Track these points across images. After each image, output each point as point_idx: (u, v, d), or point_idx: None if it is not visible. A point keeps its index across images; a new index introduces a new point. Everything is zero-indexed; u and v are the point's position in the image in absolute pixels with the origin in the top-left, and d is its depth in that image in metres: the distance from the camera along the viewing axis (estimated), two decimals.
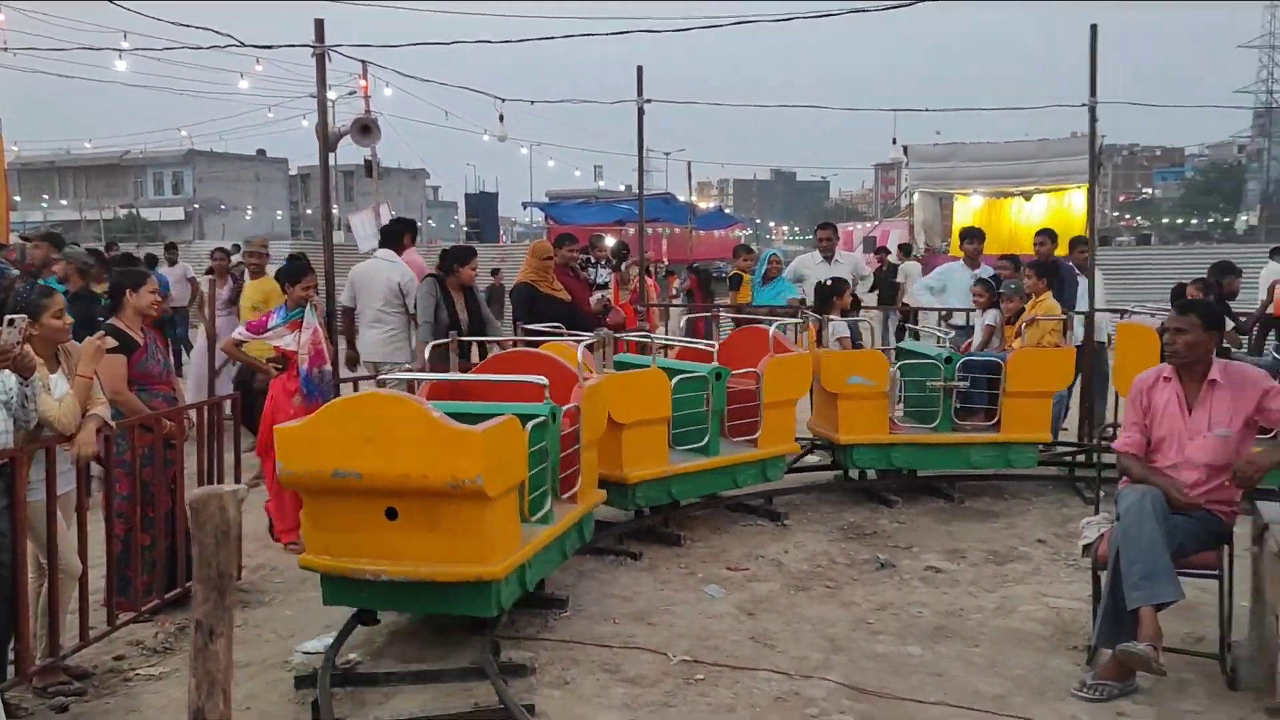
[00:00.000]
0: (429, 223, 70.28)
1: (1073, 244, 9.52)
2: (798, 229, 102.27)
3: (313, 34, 6.50)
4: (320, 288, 6.92)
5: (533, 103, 10.91)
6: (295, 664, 4.60)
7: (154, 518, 5.09)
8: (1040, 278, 8.10)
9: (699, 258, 32.59)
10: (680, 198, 34.68)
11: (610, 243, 14.21)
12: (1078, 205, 23.68)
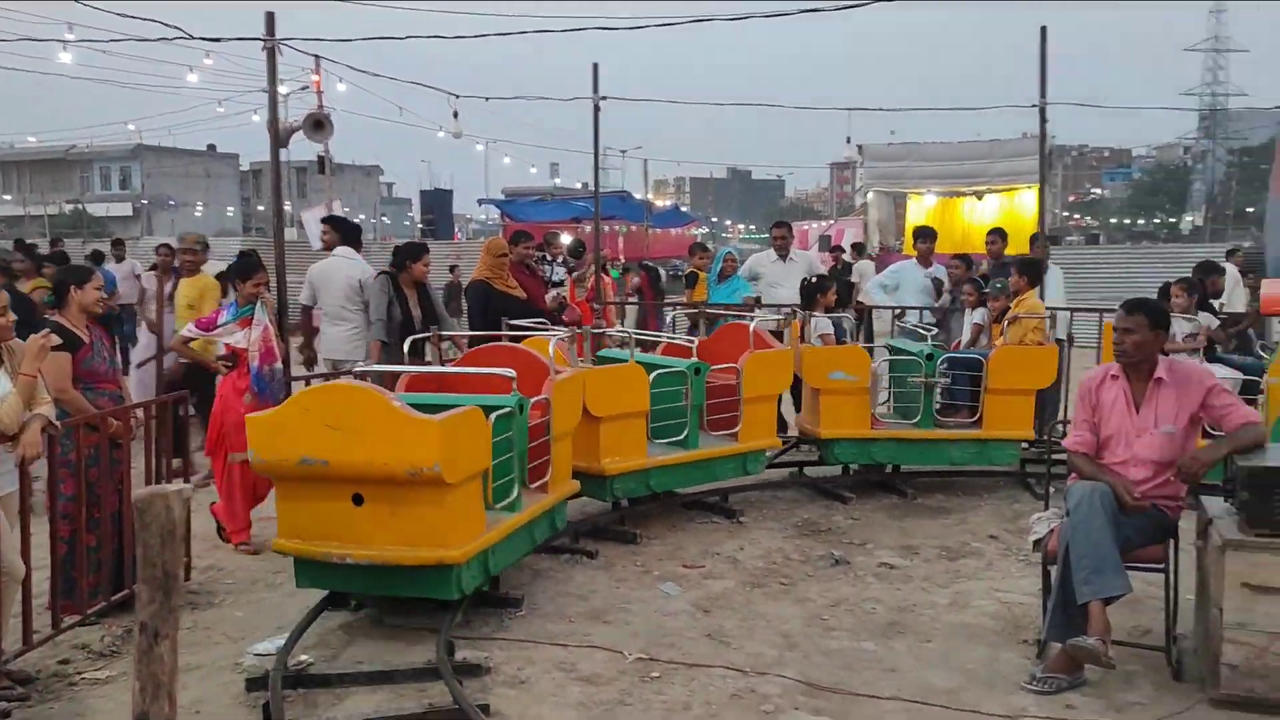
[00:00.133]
0: (383, 219, 69.71)
1: (1033, 240, 9.65)
2: (753, 227, 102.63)
3: (264, 28, 6.41)
4: (272, 284, 6.83)
5: (487, 99, 10.86)
6: (246, 666, 4.53)
7: (100, 519, 5.00)
8: (1023, 276, 8.22)
9: (655, 255, 32.63)
10: (636, 195, 34.70)
11: (566, 240, 14.18)
12: (1028, 205, 24.01)
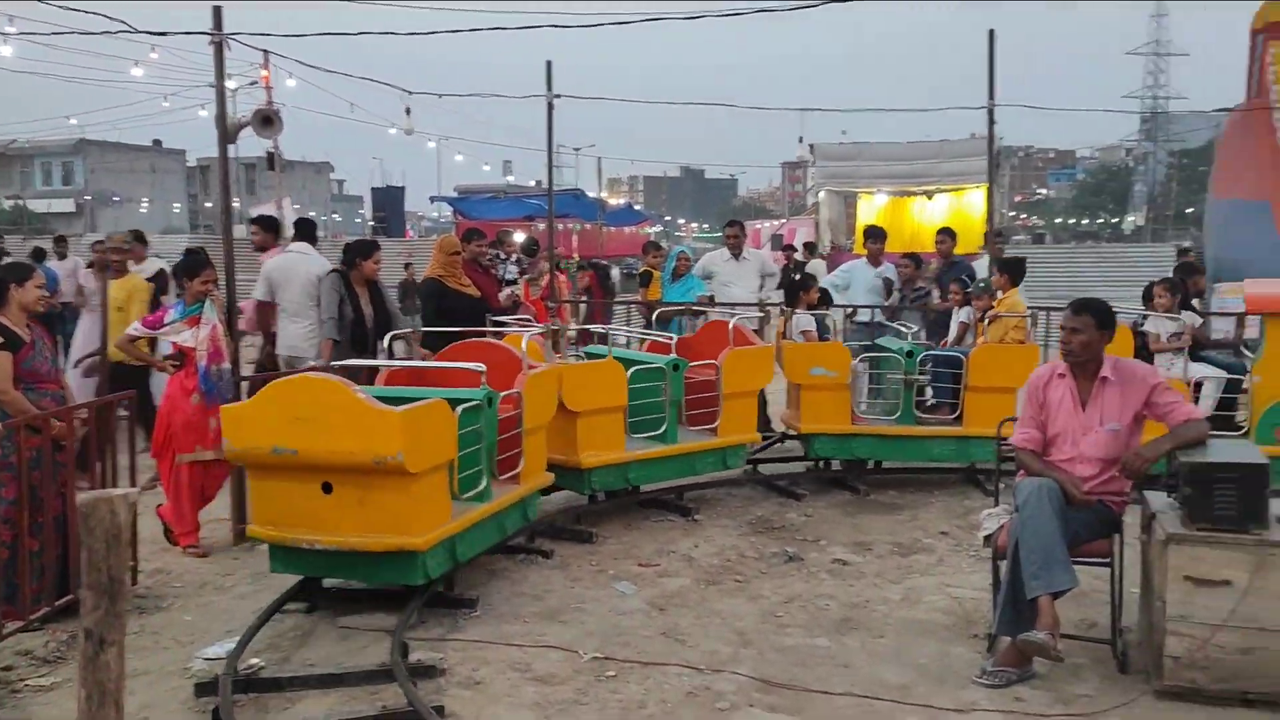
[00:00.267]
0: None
1: (987, 238, 9.79)
2: (707, 226, 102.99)
3: (211, 21, 6.30)
4: (221, 282, 6.72)
5: (440, 96, 10.76)
6: (195, 671, 4.47)
7: (43, 523, 4.89)
8: (1004, 274, 8.33)
9: (609, 254, 32.59)
10: (590, 194, 34.65)
11: (520, 238, 14.12)
12: (977, 204, 24.36)
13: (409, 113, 12.22)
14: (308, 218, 9.13)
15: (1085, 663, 4.52)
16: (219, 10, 6.31)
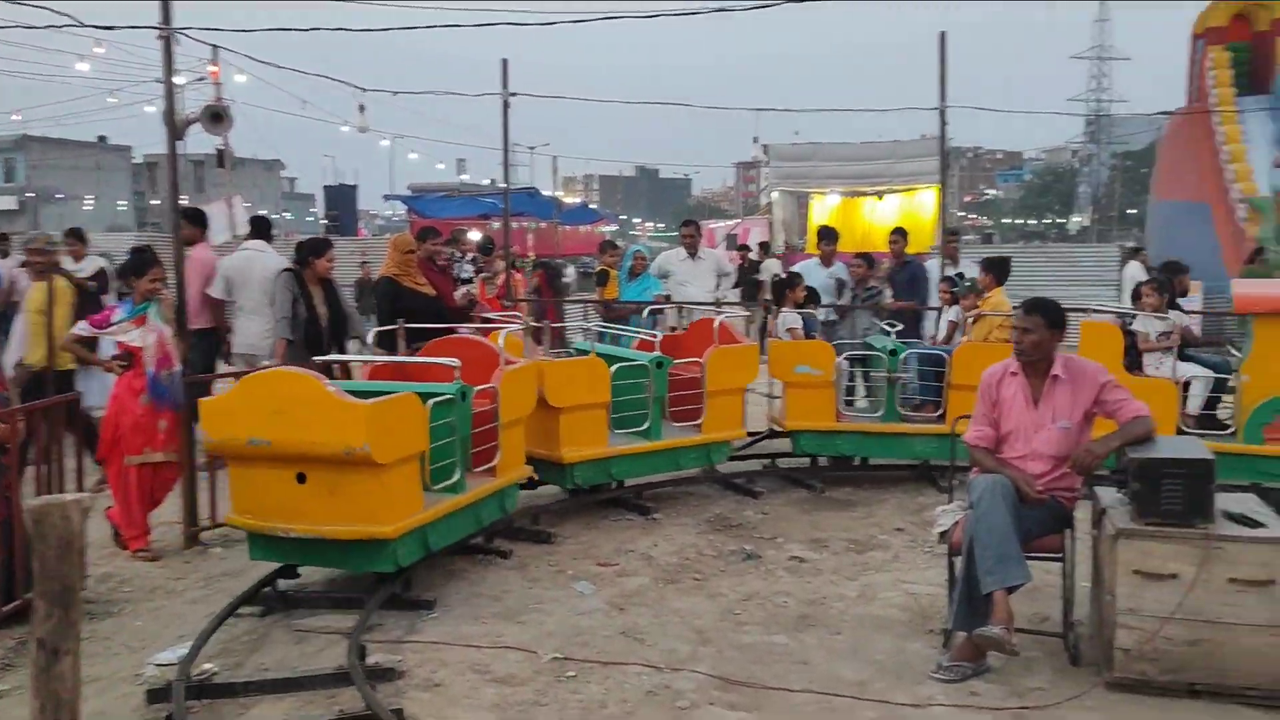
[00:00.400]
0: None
1: (942, 237, 9.90)
2: (662, 225, 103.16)
3: (159, 15, 6.19)
4: (170, 281, 6.61)
5: (395, 93, 10.65)
6: (147, 677, 4.39)
7: None
8: (988, 273, 8.42)
9: (565, 253, 32.47)
10: (545, 192, 34.54)
11: (475, 237, 14.03)
12: (927, 205, 24.64)
13: (363, 110, 12.10)
14: (263, 215, 9.03)
15: (1038, 656, 4.59)
16: (167, 5, 6.21)
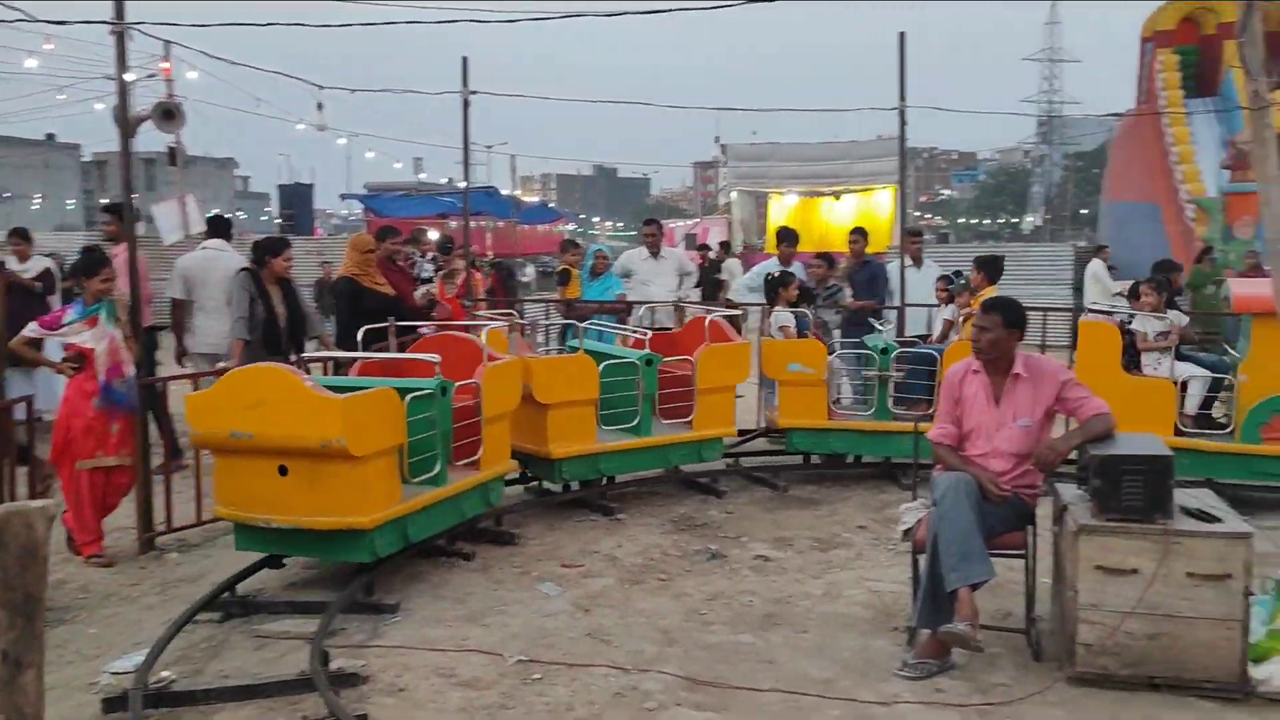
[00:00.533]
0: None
1: (906, 235, 9.96)
2: (620, 224, 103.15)
3: (112, 10, 6.06)
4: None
5: (353, 91, 10.54)
6: (103, 685, 4.31)
7: None
8: (981, 272, 8.48)
9: (524, 252, 32.31)
10: (504, 191, 34.36)
11: (435, 237, 13.91)
12: (884, 205, 24.87)
13: (321, 108, 11.95)
14: (222, 215, 8.93)
15: (1001, 652, 4.63)
16: (120, 1, 6.08)
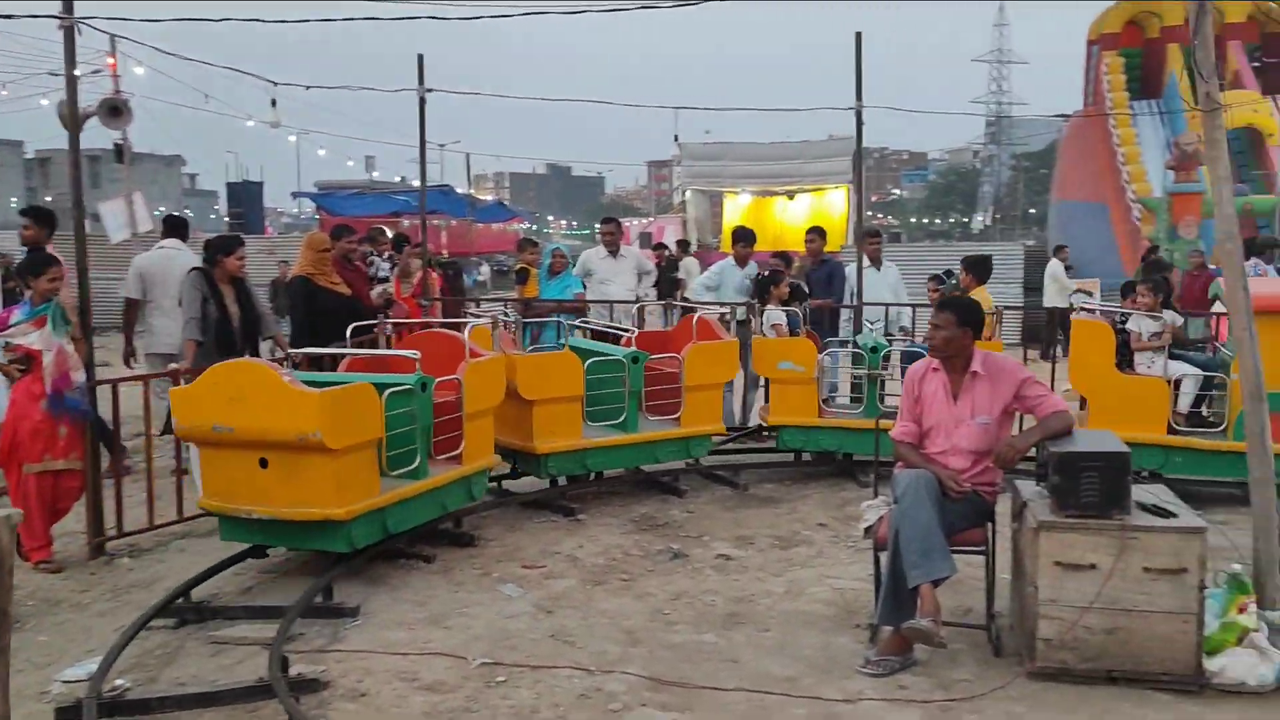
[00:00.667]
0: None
1: (864, 236, 10.04)
2: (575, 223, 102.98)
3: (60, 4, 5.91)
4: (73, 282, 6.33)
5: (308, 88, 10.38)
6: (55, 694, 4.21)
7: None
8: (969, 273, 8.54)
9: (479, 251, 32.10)
10: (459, 190, 34.14)
11: (389, 236, 13.74)
12: (837, 204, 25.04)
13: (275, 104, 11.78)
14: (179, 215, 8.86)
15: (962, 648, 4.67)
16: None
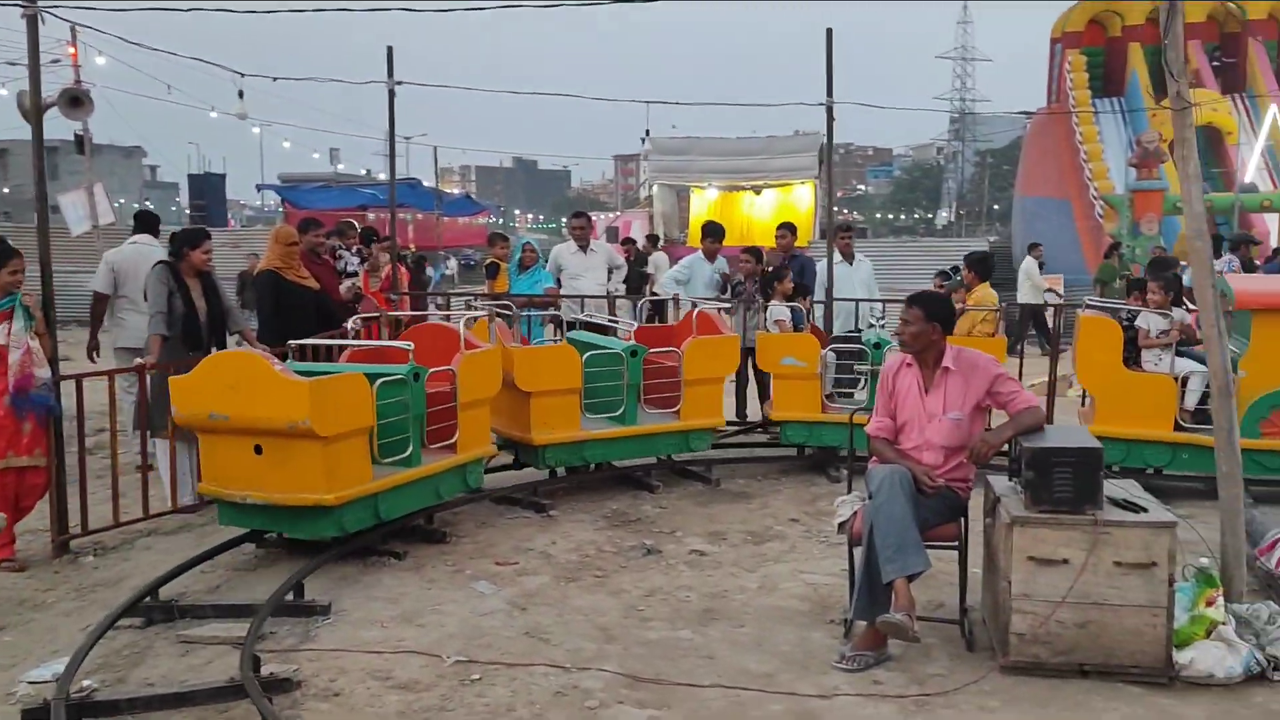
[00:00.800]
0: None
1: (837, 230, 10.07)
2: (541, 217, 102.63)
3: None
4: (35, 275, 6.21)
5: (275, 79, 10.21)
6: (21, 696, 4.13)
7: None
8: (971, 270, 8.57)
9: (446, 244, 31.92)
10: (425, 183, 33.91)
11: (358, 229, 13.60)
12: (803, 199, 25.15)
13: (242, 96, 11.60)
14: (151, 211, 8.78)
15: (936, 642, 4.70)
16: None
